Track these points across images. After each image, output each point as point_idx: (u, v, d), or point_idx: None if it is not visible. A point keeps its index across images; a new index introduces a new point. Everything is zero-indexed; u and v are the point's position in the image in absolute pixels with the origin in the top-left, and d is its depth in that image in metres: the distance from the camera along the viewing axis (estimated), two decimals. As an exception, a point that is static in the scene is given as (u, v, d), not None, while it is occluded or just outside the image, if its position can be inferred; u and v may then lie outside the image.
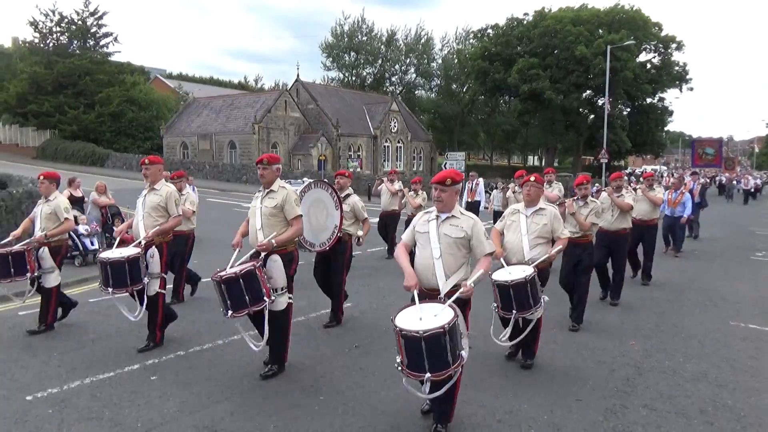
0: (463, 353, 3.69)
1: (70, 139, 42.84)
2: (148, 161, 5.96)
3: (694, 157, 38.03)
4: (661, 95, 50.59)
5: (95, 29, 44.89)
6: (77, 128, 42.81)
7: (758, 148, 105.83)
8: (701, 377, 5.27)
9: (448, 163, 32.72)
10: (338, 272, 6.75)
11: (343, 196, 6.89)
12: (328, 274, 6.74)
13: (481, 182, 15.15)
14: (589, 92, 47.76)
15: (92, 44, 45.31)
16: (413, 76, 65.00)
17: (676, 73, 48.87)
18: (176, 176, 8.13)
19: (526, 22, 49.76)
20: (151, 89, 51.31)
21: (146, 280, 5.58)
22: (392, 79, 65.85)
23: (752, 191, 35.07)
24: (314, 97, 44.24)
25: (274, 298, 4.85)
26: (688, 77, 49.37)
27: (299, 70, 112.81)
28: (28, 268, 6.17)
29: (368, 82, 64.13)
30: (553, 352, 5.85)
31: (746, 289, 9.37)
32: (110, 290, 5.47)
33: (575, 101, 46.05)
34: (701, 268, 11.35)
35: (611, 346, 6.14)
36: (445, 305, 3.72)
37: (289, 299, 5.05)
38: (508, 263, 5.34)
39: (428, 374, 3.52)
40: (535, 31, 46.93)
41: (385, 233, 11.82)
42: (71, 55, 43.28)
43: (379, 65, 64.40)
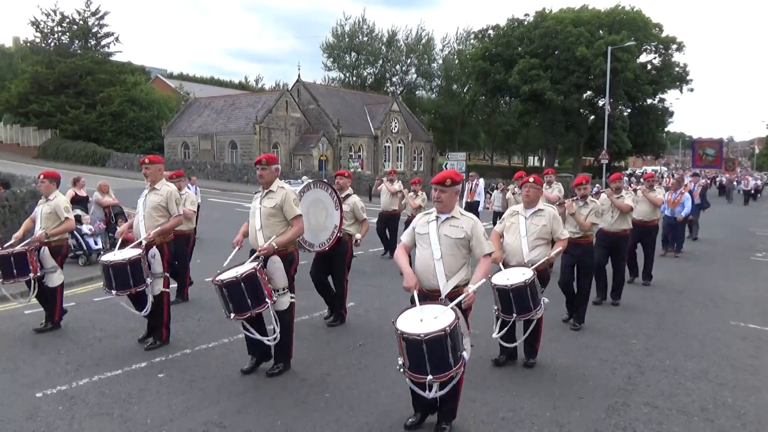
0: (464, 354, 3.70)
1: (71, 138, 42.86)
2: (148, 161, 5.95)
3: (694, 157, 38.04)
4: (661, 96, 50.72)
5: (96, 29, 44.90)
6: (78, 128, 42.82)
7: (758, 148, 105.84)
8: (702, 376, 5.33)
9: (448, 163, 32.73)
10: (340, 272, 6.79)
11: (343, 196, 6.90)
12: (325, 274, 6.74)
13: (481, 183, 15.19)
14: (589, 93, 47.79)
15: (93, 44, 45.31)
16: (414, 76, 65.02)
17: (676, 74, 48.92)
18: (175, 176, 8.13)
19: (526, 22, 49.77)
20: (152, 89, 51.34)
21: (149, 280, 5.60)
22: (393, 79, 65.87)
23: (752, 192, 35.13)
24: (315, 97, 44.25)
25: (275, 299, 4.87)
26: (688, 78, 49.50)
27: (300, 70, 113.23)
28: (30, 268, 6.17)
29: (369, 82, 64.11)
30: (555, 351, 5.91)
31: (746, 289, 9.43)
32: (114, 292, 5.50)
33: (576, 102, 46.08)
34: (701, 268, 11.41)
35: (612, 345, 6.20)
36: (447, 308, 3.71)
37: (291, 299, 5.08)
38: (507, 265, 5.34)
39: (430, 376, 3.54)
40: (535, 31, 46.96)
41: (384, 233, 11.80)
42: (72, 54, 43.30)
43: (379, 65, 64.39)
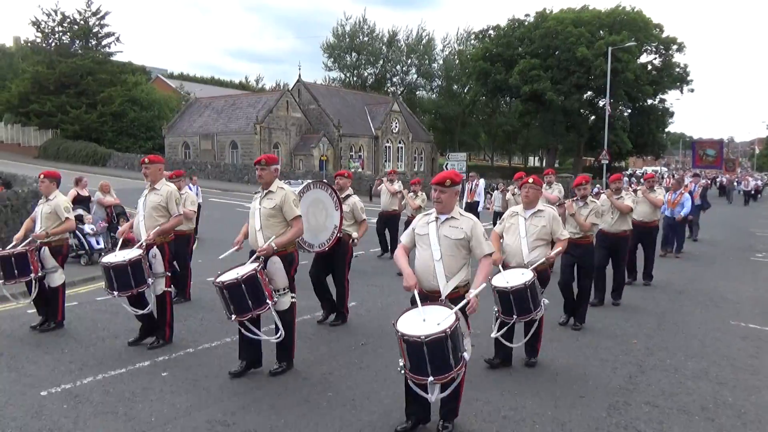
0: (465, 355, 3.69)
1: (72, 138, 42.95)
2: (147, 160, 5.94)
3: (694, 158, 38.01)
4: (661, 96, 50.78)
5: (97, 29, 45.01)
6: (79, 128, 42.89)
7: (759, 149, 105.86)
8: (702, 375, 5.36)
9: (449, 163, 32.72)
10: (341, 272, 6.80)
11: (343, 196, 6.91)
12: (325, 274, 6.75)
13: (481, 183, 15.21)
14: (590, 93, 47.83)
15: (94, 44, 45.39)
16: (414, 76, 65.05)
17: (676, 74, 48.96)
18: (174, 175, 8.12)
19: (527, 23, 49.83)
20: (152, 89, 51.41)
21: (151, 280, 5.61)
22: (393, 79, 65.90)
23: (752, 192, 35.16)
24: (316, 97, 44.28)
25: (276, 299, 4.88)
26: (688, 78, 49.57)
27: (300, 70, 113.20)
28: (31, 268, 6.18)
29: (369, 82, 64.15)
30: (556, 351, 5.93)
31: (746, 289, 9.45)
32: (115, 294, 5.50)
33: (576, 102, 46.12)
34: (702, 268, 11.43)
35: (613, 344, 6.22)
36: (447, 309, 3.69)
37: (292, 298, 5.09)
38: (507, 266, 5.32)
39: (431, 378, 3.53)
40: (536, 32, 47.01)
41: (383, 233, 11.78)
42: (73, 54, 43.38)
43: (380, 66, 64.43)
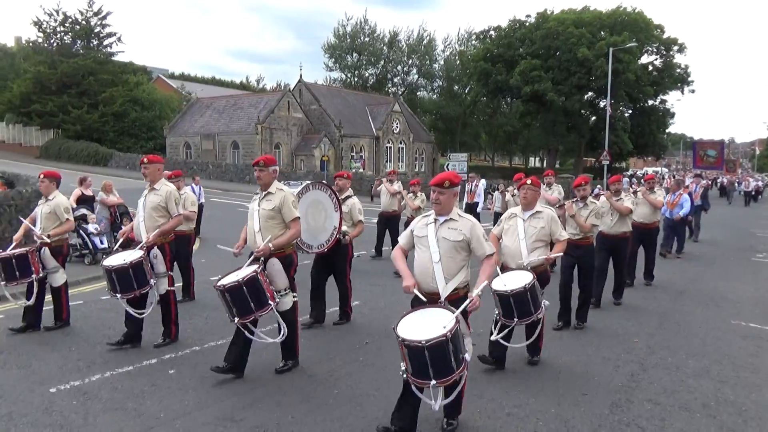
0: (466, 356, 3.65)
1: (73, 138, 43.08)
2: (147, 160, 5.93)
3: (695, 158, 38.05)
4: (662, 97, 50.85)
5: (99, 29, 45.15)
6: (81, 128, 43.01)
7: (759, 150, 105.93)
8: (703, 373, 5.42)
9: (450, 164, 32.78)
10: (342, 272, 6.84)
11: (342, 197, 6.92)
12: (326, 275, 6.77)
13: (481, 184, 15.25)
14: (590, 94, 47.89)
15: (96, 44, 45.52)
16: (415, 77, 65.11)
17: (677, 75, 49.02)
18: (173, 176, 8.11)
19: (528, 23, 49.90)
20: (154, 89, 51.49)
21: (153, 281, 5.62)
22: (394, 80, 65.96)
23: (753, 193, 35.21)
24: (317, 97, 44.34)
25: (278, 300, 4.89)
26: (689, 79, 49.62)
27: (302, 70, 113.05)
28: (32, 269, 6.18)
29: (370, 83, 64.21)
30: (558, 349, 5.98)
31: (747, 289, 9.51)
32: (118, 296, 5.51)
33: (577, 103, 46.19)
34: (702, 269, 11.49)
35: (615, 343, 6.28)
36: (451, 314, 3.62)
37: (294, 298, 5.11)
38: (506, 268, 5.30)
39: (433, 381, 3.47)
40: (537, 32, 47.07)
41: (384, 234, 11.74)
42: (75, 54, 43.51)
43: (381, 66, 64.48)
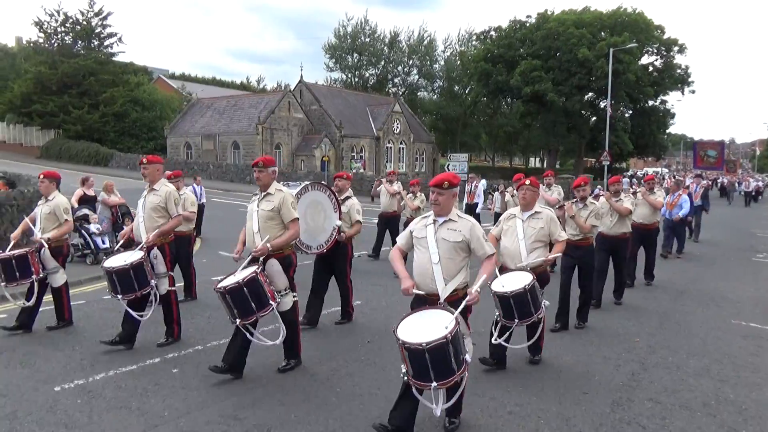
0: (467, 357, 3.63)
1: (74, 138, 43.08)
2: (146, 160, 5.92)
3: (695, 159, 38.06)
4: (663, 98, 50.79)
5: (99, 29, 45.15)
6: (81, 128, 43.01)
7: (759, 150, 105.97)
8: (704, 373, 5.44)
9: (451, 164, 32.80)
10: (342, 273, 6.85)
11: (342, 198, 6.94)
12: (328, 276, 6.79)
13: (480, 185, 15.26)
14: (591, 94, 47.90)
15: (96, 44, 45.53)
16: (416, 77, 65.08)
17: (678, 75, 49.00)
18: (173, 176, 8.09)
19: (528, 24, 49.89)
20: (154, 89, 51.48)
21: (154, 282, 5.63)
22: (395, 80, 65.97)
23: (753, 194, 35.24)
24: (317, 98, 44.35)
25: (279, 300, 4.90)
26: (690, 80, 49.56)
27: (302, 71, 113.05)
28: (32, 270, 6.17)
29: (371, 83, 64.21)
30: (559, 349, 6.01)
31: (747, 289, 9.53)
32: (119, 297, 5.49)
33: (577, 103, 46.18)
34: (703, 269, 11.51)
35: (616, 343, 6.30)
36: (451, 316, 3.61)
37: (293, 298, 5.11)
38: (505, 269, 5.29)
39: (434, 383, 3.46)
40: (537, 33, 47.06)
41: (384, 234, 11.73)
42: (76, 55, 43.53)
43: (381, 66, 64.49)
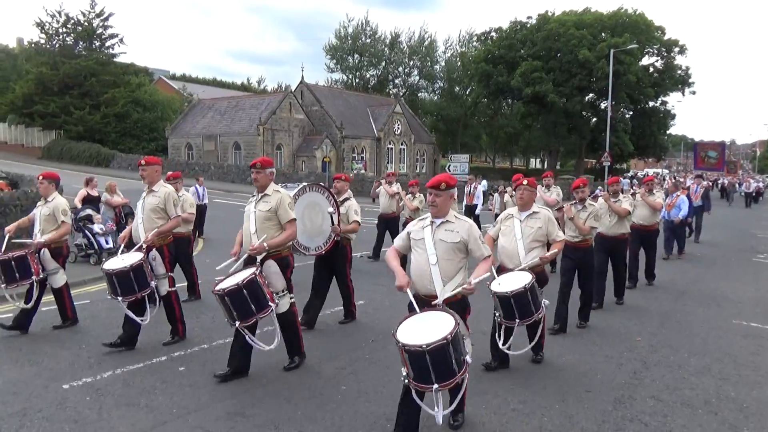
0: (467, 358, 3.61)
1: (75, 139, 43.15)
2: (144, 162, 5.93)
3: (696, 160, 38.03)
4: (663, 99, 50.83)
5: (101, 30, 45.24)
6: (83, 129, 43.08)
7: (760, 151, 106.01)
8: (705, 371, 5.49)
9: (452, 165, 32.88)
10: (342, 273, 6.90)
11: (341, 200, 6.97)
12: (328, 278, 6.82)
13: (480, 186, 15.31)
14: (591, 95, 47.99)
15: (98, 45, 45.61)
16: (416, 78, 65.21)
17: (678, 76, 49.06)
18: (172, 177, 8.11)
19: (529, 25, 49.95)
20: (155, 90, 51.54)
21: (153, 283, 5.64)
22: (396, 81, 66.08)
23: (753, 195, 35.26)
24: (318, 98, 44.42)
25: (278, 301, 4.90)
26: (690, 81, 49.63)
27: (303, 71, 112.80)
28: (32, 271, 6.19)
29: (372, 84, 64.30)
30: (561, 348, 6.05)
31: (748, 289, 9.58)
32: (119, 299, 5.47)
33: (578, 104, 46.26)
34: (704, 269, 11.55)
35: (618, 342, 6.35)
36: (450, 316, 3.60)
37: (291, 299, 5.13)
38: (504, 269, 5.29)
39: (436, 385, 3.43)
40: (538, 34, 47.14)
41: (383, 235, 11.74)
42: (77, 56, 43.62)
43: (382, 67, 64.61)
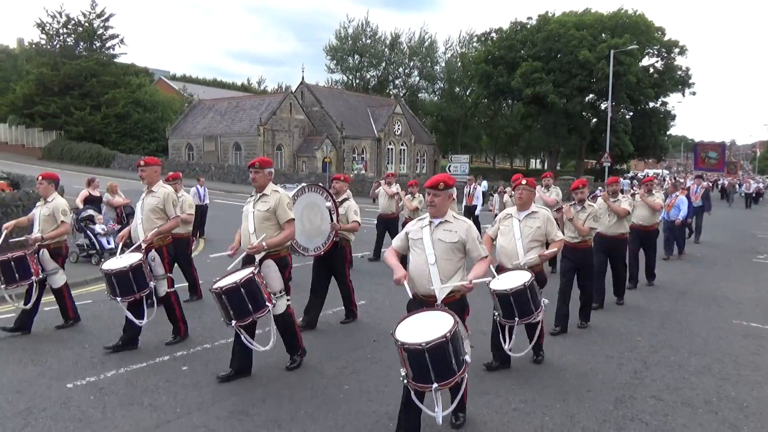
0: (467, 358, 3.62)
1: (76, 140, 43.19)
2: (143, 162, 5.93)
3: (696, 160, 38.04)
4: (663, 99, 50.74)
5: (101, 31, 45.29)
6: (83, 129, 43.11)
7: (760, 152, 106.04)
8: (705, 371, 5.52)
9: (452, 165, 32.91)
10: (342, 274, 6.92)
11: (339, 200, 6.99)
12: (327, 279, 6.84)
13: (480, 186, 15.32)
14: (592, 96, 47.98)
15: (98, 46, 45.64)
16: (417, 79, 65.19)
17: (678, 77, 49.04)
18: (171, 178, 8.11)
19: (529, 26, 49.95)
20: (156, 91, 51.58)
21: (152, 283, 5.64)
22: (396, 81, 66.04)
23: (754, 195, 35.28)
24: (319, 99, 44.46)
25: (275, 302, 4.90)
26: (690, 81, 49.58)
27: (303, 72, 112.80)
28: (32, 271, 6.20)
29: (372, 84, 64.32)
30: (562, 348, 6.08)
31: (748, 290, 9.60)
32: (119, 299, 5.46)
33: (578, 105, 46.25)
34: (704, 270, 11.57)
35: (618, 342, 6.38)
36: (451, 317, 3.60)
37: (287, 301, 5.12)
38: (503, 268, 5.29)
39: (435, 384, 3.41)
40: (538, 35, 47.13)
41: (383, 236, 11.74)
42: (78, 56, 43.66)
43: (382, 68, 64.62)
